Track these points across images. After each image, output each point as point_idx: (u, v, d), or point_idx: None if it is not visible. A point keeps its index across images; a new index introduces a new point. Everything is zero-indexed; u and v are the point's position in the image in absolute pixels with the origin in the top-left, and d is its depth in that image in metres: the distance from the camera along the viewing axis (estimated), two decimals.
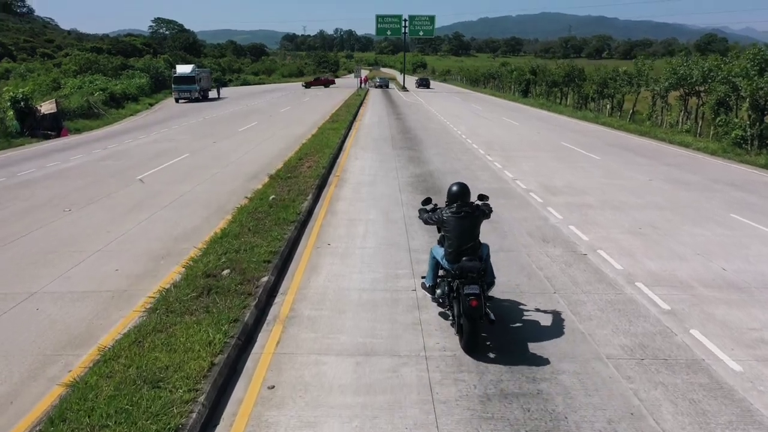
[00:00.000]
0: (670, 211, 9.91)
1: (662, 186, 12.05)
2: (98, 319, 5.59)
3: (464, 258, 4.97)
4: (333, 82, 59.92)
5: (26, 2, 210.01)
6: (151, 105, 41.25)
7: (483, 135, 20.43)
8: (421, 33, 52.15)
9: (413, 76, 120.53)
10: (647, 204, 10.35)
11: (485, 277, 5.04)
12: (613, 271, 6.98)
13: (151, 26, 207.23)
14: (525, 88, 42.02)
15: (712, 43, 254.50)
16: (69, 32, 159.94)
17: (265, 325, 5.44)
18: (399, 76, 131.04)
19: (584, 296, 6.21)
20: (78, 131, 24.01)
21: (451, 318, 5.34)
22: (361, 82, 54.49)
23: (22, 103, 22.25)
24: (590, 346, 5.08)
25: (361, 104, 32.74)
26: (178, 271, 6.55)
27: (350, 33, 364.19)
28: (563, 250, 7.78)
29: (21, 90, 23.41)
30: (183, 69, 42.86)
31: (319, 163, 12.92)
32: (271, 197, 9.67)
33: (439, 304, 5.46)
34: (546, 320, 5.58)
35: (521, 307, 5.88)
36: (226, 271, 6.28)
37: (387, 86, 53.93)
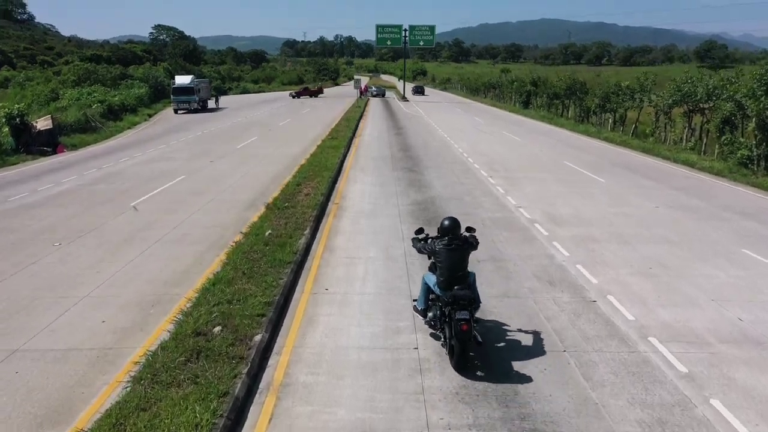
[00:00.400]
0: (679, 246, 9.58)
1: (670, 214, 11.73)
2: (80, 386, 5.24)
3: (456, 287, 5.44)
4: (321, 92, 59.33)
5: (27, 9, 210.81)
6: (150, 116, 41.02)
7: (485, 153, 20.14)
8: (421, 43, 52.03)
9: (413, 83, 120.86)
10: (655, 237, 10.02)
11: (474, 303, 5.48)
12: (625, 323, 6.64)
13: (151, 33, 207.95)
14: (526, 99, 41.81)
15: (712, 50, 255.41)
16: (69, 39, 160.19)
17: (257, 395, 5.09)
18: (399, 84, 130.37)
19: (596, 355, 5.87)
20: (75, 147, 23.72)
21: (442, 340, 5.82)
22: (361, 92, 54.29)
23: (17, 120, 22.00)
24: (604, 423, 4.74)
25: (361, 117, 32.49)
26: (167, 328, 6.21)
27: (350, 39, 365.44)
28: (571, 296, 7.44)
29: (17, 106, 23.15)
30: (182, 80, 42.66)
31: (317, 189, 12.61)
32: (267, 232, 9.34)
33: (431, 326, 5.95)
34: (558, 388, 5.23)
35: (532, 368, 5.53)
36: (217, 329, 5.94)
37: (383, 95, 53.35)
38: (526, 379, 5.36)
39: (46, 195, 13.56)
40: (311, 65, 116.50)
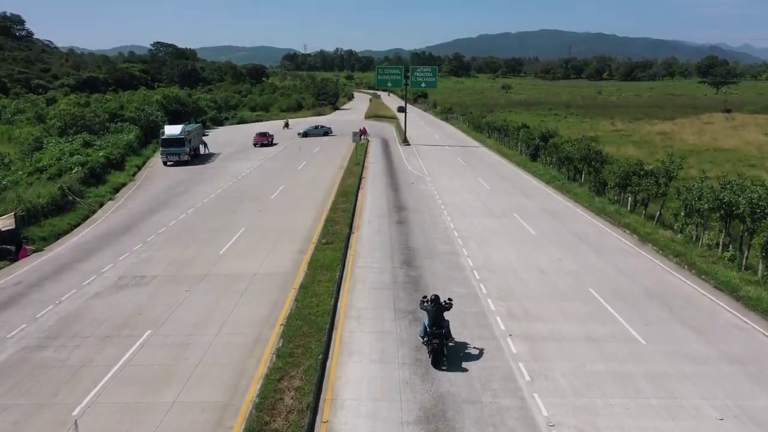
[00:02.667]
0: None
1: None
2: None
3: (434, 327, 11.65)
4: (273, 142, 50.95)
5: (25, 25, 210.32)
6: (138, 169, 38.98)
7: (497, 270, 17.81)
8: (423, 84, 49.97)
9: (414, 106, 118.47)
10: None
11: (445, 335, 11.66)
12: None
13: (150, 50, 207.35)
14: (534, 152, 39.64)
15: (714, 67, 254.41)
16: (67, 59, 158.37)
17: None
18: (400, 112, 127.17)
19: None
20: (43, 241, 21.49)
21: (428, 351, 11.78)
22: (360, 135, 52.08)
23: None
24: None
25: (358, 188, 30.11)
26: None
27: (350, 53, 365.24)
28: None
29: None
30: (171, 130, 40.52)
31: (304, 387, 10.28)
32: None
33: (423, 342, 11.96)
34: None
35: None
36: None
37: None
38: None
39: None
40: (309, 91, 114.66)
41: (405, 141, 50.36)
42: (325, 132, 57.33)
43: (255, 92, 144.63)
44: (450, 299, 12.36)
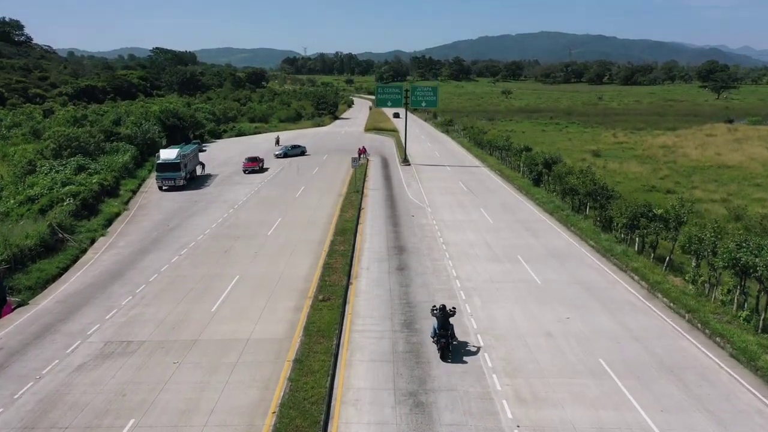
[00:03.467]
0: None
1: None
2: None
3: (442, 330, 15.26)
4: (264, 167, 46.79)
5: (24, 30, 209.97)
6: (133, 194, 38.27)
7: (503, 335, 16.99)
8: (423, 104, 49.15)
9: (414, 114, 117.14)
10: None
11: (450, 335, 15.29)
12: None
13: (150, 55, 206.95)
14: (537, 177, 38.82)
15: (715, 72, 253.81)
16: (65, 65, 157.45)
17: None
18: (399, 114, 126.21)
19: None
20: (30, 290, 20.68)
21: (438, 348, 15.29)
22: (360, 155, 51.27)
23: None
24: None
25: (357, 224, 29.28)
26: None
27: (350, 56, 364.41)
28: None
29: None
30: (167, 154, 39.71)
31: None
32: None
33: (433, 341, 15.52)
34: None
35: None
36: None
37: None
38: None
39: None
40: (309, 99, 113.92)
41: (405, 160, 49.56)
42: (302, 152, 55.67)
43: (254, 99, 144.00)
44: (454, 308, 16.23)
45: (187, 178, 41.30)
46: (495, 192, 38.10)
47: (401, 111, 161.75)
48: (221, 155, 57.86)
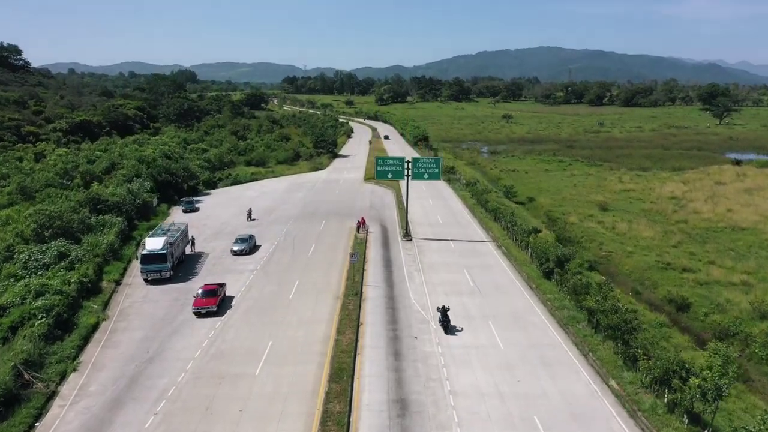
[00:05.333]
0: None
1: None
2: None
3: (442, 319, 29.17)
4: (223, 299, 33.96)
5: (22, 55, 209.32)
6: (116, 285, 35.71)
7: None
8: (425, 176, 46.74)
9: (414, 150, 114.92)
10: None
11: (447, 321, 29.14)
12: None
13: (149, 81, 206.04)
14: (548, 270, 36.34)
15: (716, 96, 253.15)
16: (61, 96, 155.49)
17: None
18: (388, 136, 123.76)
19: None
20: None
21: (442, 327, 29.05)
22: (357, 228, 48.78)
23: None
24: None
25: (354, 359, 26.68)
26: None
27: (350, 76, 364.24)
28: None
29: None
30: (153, 244, 37.17)
31: None
32: None
33: (440, 324, 29.28)
34: None
35: None
36: None
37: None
38: None
39: None
40: (308, 136, 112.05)
41: (406, 234, 47.07)
42: (252, 246, 43.41)
43: (253, 128, 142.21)
44: (448, 306, 29.80)
45: (175, 265, 38.82)
46: (504, 291, 35.37)
47: (391, 134, 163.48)
48: (214, 218, 55.41)
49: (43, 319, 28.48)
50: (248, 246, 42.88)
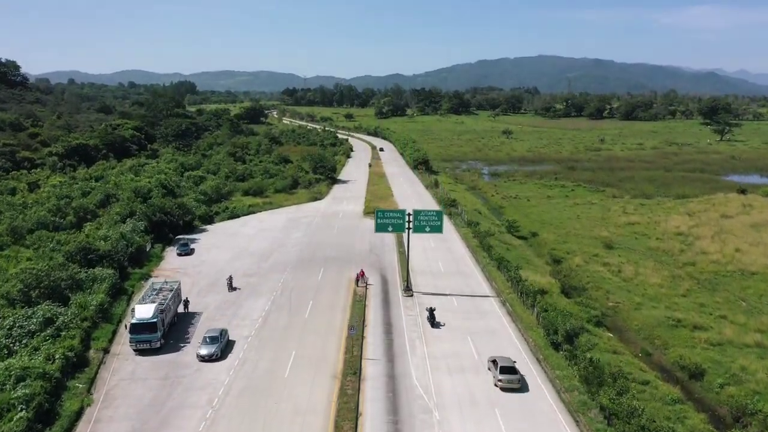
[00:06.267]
0: None
1: None
2: None
3: (429, 316, 39.44)
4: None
5: (20, 71, 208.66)
6: (105, 354, 34.07)
7: None
8: (427, 229, 45.23)
9: (414, 173, 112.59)
10: None
11: (433, 318, 39.48)
12: None
13: (147, 98, 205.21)
14: (557, 344, 34.77)
15: (717, 112, 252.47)
16: (58, 116, 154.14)
17: None
18: (383, 148, 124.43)
19: None
20: None
21: (430, 322, 38.97)
22: (357, 281, 47.18)
23: None
24: None
25: None
26: None
27: (350, 88, 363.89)
28: None
29: None
30: (143, 312, 35.56)
31: None
32: None
33: (428, 320, 39.31)
34: None
35: None
36: None
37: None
38: None
39: None
40: (306, 162, 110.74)
41: (408, 289, 45.49)
42: (224, 347, 35.10)
43: (252, 146, 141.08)
44: (434, 308, 40.18)
45: (167, 331, 37.20)
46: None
47: (385, 145, 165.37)
48: (209, 264, 53.79)
49: (23, 412, 26.83)
50: (218, 348, 34.05)
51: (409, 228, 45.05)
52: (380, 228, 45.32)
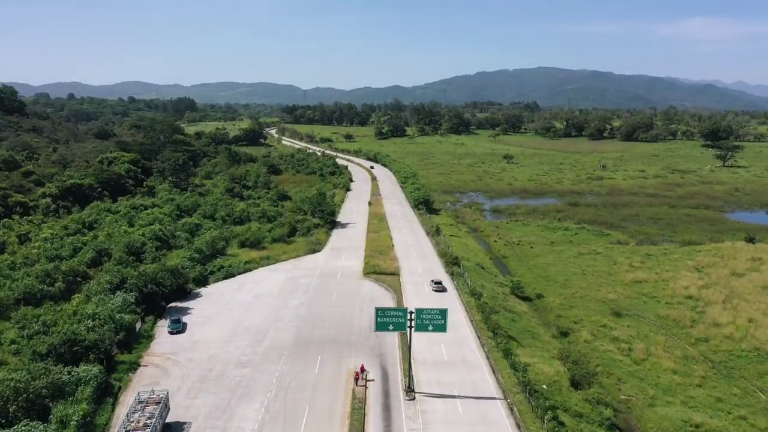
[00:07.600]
0: None
1: None
2: None
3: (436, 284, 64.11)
4: None
5: (18, 96, 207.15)
6: None
7: None
8: (430, 328, 43.02)
9: (413, 212, 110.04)
10: None
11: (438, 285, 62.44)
12: None
13: (146, 123, 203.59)
14: None
15: (718, 136, 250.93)
16: (54, 148, 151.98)
17: None
18: (374, 165, 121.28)
19: None
20: None
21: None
22: (356, 380, 44.74)
23: None
24: None
25: None
26: None
27: (350, 107, 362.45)
28: None
29: None
30: None
31: None
32: None
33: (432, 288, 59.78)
34: None
35: None
36: None
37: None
38: None
39: None
40: (305, 205, 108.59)
41: (410, 390, 43.06)
42: None
43: (251, 176, 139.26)
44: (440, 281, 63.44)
45: None
46: None
47: (385, 174, 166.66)
48: (201, 347, 51.37)
49: None
50: None
51: (411, 326, 42.74)
52: (380, 327, 43.03)
